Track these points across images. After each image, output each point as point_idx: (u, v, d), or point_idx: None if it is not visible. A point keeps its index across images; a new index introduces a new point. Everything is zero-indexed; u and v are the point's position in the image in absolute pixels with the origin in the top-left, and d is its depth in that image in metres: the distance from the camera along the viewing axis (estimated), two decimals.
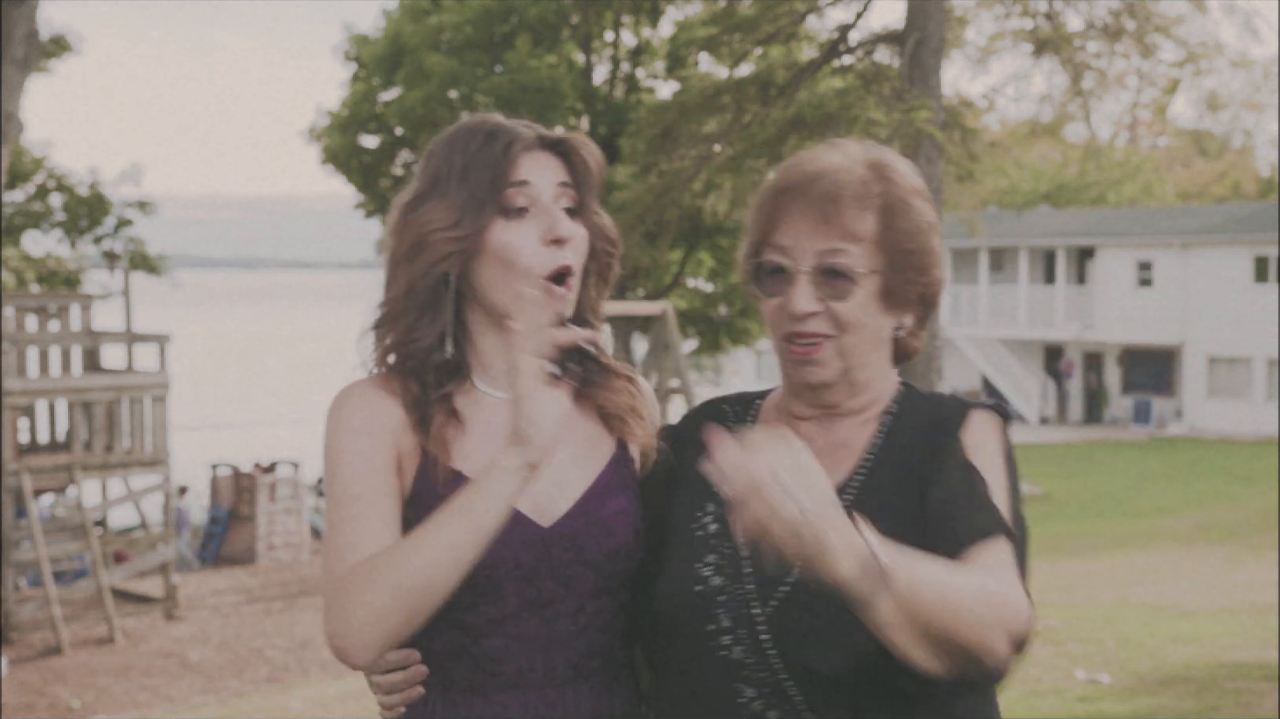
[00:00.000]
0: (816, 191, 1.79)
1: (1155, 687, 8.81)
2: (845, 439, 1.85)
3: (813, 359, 1.80)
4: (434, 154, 1.88)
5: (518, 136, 1.84)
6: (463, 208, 1.81)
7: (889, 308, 1.81)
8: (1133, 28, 13.30)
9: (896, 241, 1.79)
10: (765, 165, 12.20)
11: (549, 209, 1.83)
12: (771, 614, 1.74)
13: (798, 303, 1.78)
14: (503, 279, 1.81)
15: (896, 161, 1.85)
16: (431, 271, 1.82)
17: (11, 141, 11.33)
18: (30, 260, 23.39)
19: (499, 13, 23.04)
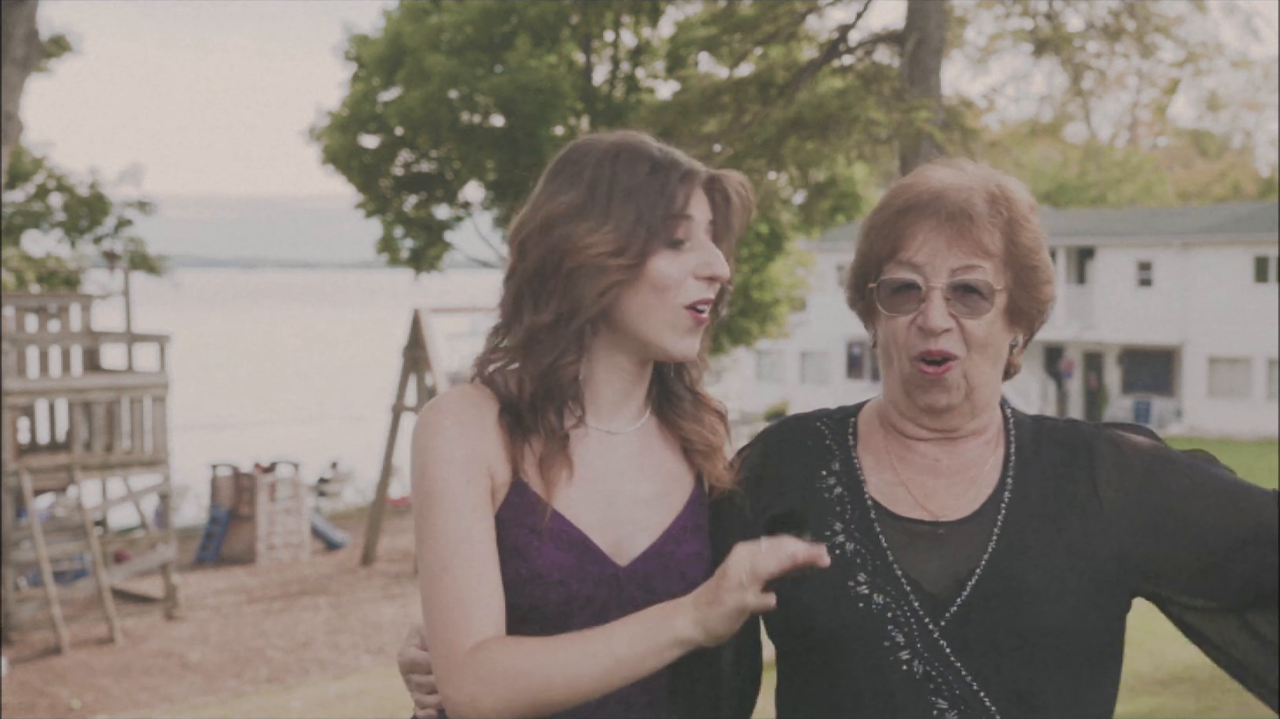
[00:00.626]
0: (947, 209, 1.79)
1: (1155, 687, 8.81)
2: (972, 460, 1.85)
3: (943, 381, 1.80)
4: (584, 167, 1.83)
5: (693, 170, 1.82)
6: (630, 234, 1.77)
7: (1011, 325, 1.83)
8: (1133, 28, 13.30)
9: (1021, 257, 1.80)
10: (765, 165, 12.20)
11: (706, 244, 1.82)
12: (949, 628, 1.76)
13: (933, 319, 1.77)
14: (653, 308, 1.79)
15: (1008, 179, 1.86)
16: (592, 302, 1.78)
17: (11, 141, 11.33)
18: (30, 260, 23.37)
19: (499, 13, 23.03)
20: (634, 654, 1.66)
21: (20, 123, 11.45)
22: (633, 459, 1.86)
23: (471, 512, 1.75)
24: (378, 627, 14.95)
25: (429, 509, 1.76)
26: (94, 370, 16.23)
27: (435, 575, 1.74)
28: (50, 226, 24.23)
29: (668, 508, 1.86)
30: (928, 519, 1.81)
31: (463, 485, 1.76)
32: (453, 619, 1.71)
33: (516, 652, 1.69)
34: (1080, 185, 46.30)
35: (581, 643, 1.68)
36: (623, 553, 1.81)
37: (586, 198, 1.80)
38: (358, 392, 48.85)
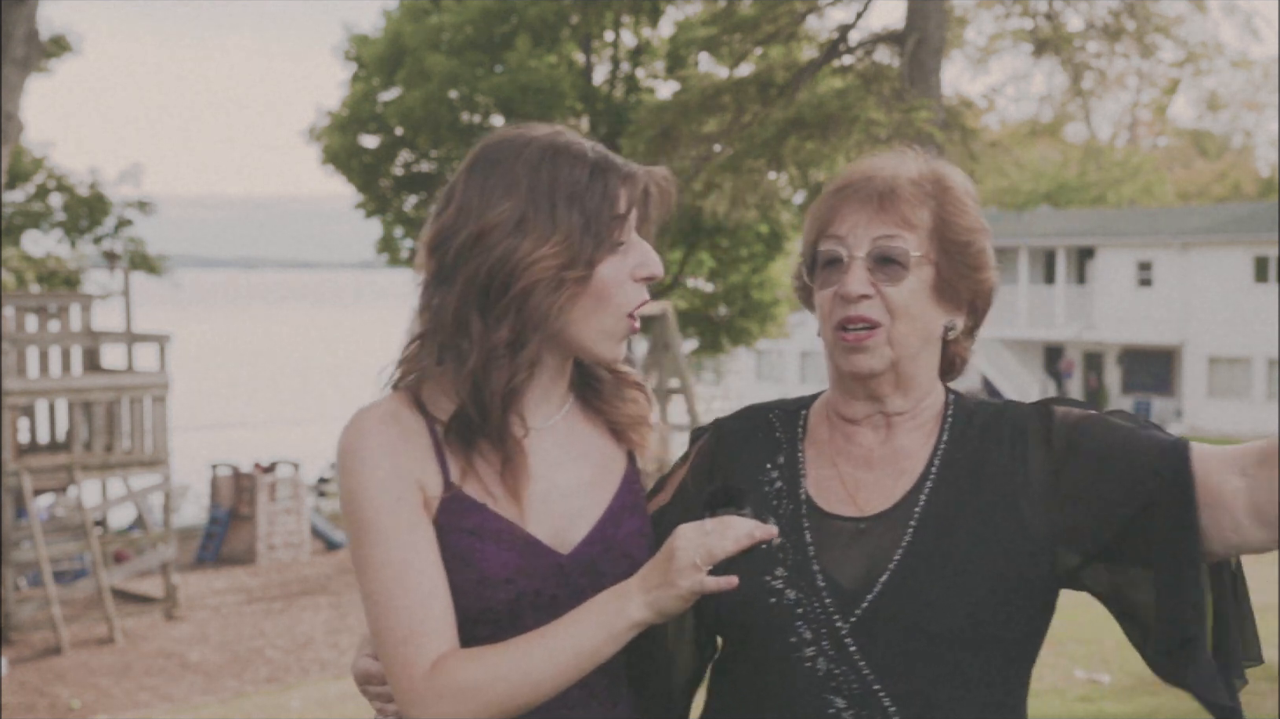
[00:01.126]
0: (873, 186, 1.85)
1: (1155, 687, 8.80)
2: (905, 446, 1.86)
3: (864, 346, 1.81)
4: (518, 171, 1.76)
5: (630, 170, 1.79)
6: (580, 243, 1.73)
7: (940, 301, 1.84)
8: (1133, 28, 13.30)
9: (951, 234, 1.83)
10: (765, 165, 12.20)
11: (640, 243, 1.80)
12: (857, 625, 1.76)
13: (850, 285, 1.80)
14: (594, 315, 1.77)
15: (951, 169, 1.91)
16: (552, 317, 1.74)
17: (11, 141, 11.33)
18: (30, 260, 23.38)
19: (499, 13, 23.03)
20: (591, 645, 1.67)
21: (20, 123, 11.45)
22: (561, 449, 1.84)
23: (408, 532, 1.72)
24: None
25: (363, 536, 1.73)
26: (94, 370, 16.23)
27: (381, 605, 1.71)
28: (50, 226, 24.25)
29: (603, 491, 1.85)
30: (853, 514, 1.82)
31: (394, 505, 1.73)
32: (406, 647, 1.69)
33: (474, 664, 1.68)
34: (1080, 185, 46.30)
35: (538, 642, 1.68)
36: (564, 542, 1.80)
37: (528, 207, 1.73)
38: (358, 392, 48.75)
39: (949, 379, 1.92)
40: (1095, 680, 8.98)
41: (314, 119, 24.97)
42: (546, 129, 1.82)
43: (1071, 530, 1.77)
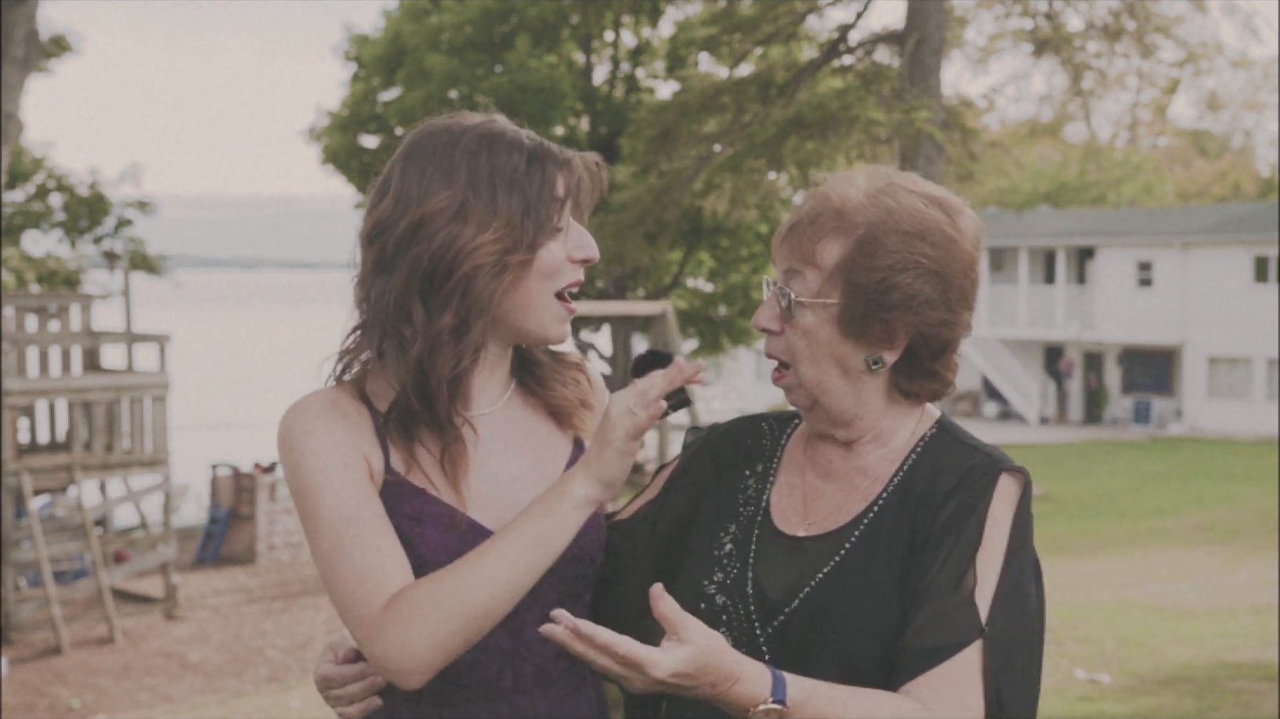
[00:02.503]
0: (799, 213, 1.82)
1: (1155, 687, 8.81)
2: (867, 467, 1.85)
3: (779, 384, 1.84)
4: (456, 159, 1.77)
5: (565, 155, 1.81)
6: (521, 228, 1.74)
7: (851, 338, 1.78)
8: (1133, 28, 13.29)
9: (854, 274, 1.76)
10: (765, 165, 12.20)
11: (576, 227, 1.81)
12: (773, 635, 1.77)
13: (757, 317, 1.82)
14: (535, 297, 1.78)
15: (905, 194, 1.80)
16: (495, 302, 1.75)
17: (11, 141, 11.33)
18: (30, 260, 23.39)
19: (499, 13, 23.03)
20: (541, 532, 1.65)
21: (20, 123, 11.45)
22: (504, 436, 1.85)
23: (354, 486, 1.71)
24: None
25: (311, 498, 1.71)
26: (94, 370, 16.23)
27: (332, 561, 1.69)
28: (50, 226, 24.25)
29: (546, 475, 1.84)
30: (798, 533, 1.83)
31: (341, 467, 1.72)
32: (361, 593, 1.67)
33: (427, 582, 1.66)
34: (1080, 185, 46.29)
35: (487, 546, 1.66)
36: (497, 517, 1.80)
37: (468, 194, 1.74)
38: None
39: (929, 401, 1.88)
40: (1095, 681, 8.99)
41: (314, 119, 24.97)
42: (480, 117, 1.83)
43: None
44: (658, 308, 18.80)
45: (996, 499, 1.76)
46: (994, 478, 1.77)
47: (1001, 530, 1.75)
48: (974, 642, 1.68)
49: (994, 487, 1.77)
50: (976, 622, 1.69)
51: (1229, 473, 26.06)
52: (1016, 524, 1.77)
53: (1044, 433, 33.69)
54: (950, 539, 1.73)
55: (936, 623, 1.69)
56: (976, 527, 1.74)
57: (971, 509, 1.75)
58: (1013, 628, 1.71)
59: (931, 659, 1.68)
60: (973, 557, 1.72)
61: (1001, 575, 1.73)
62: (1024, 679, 1.71)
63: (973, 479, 1.77)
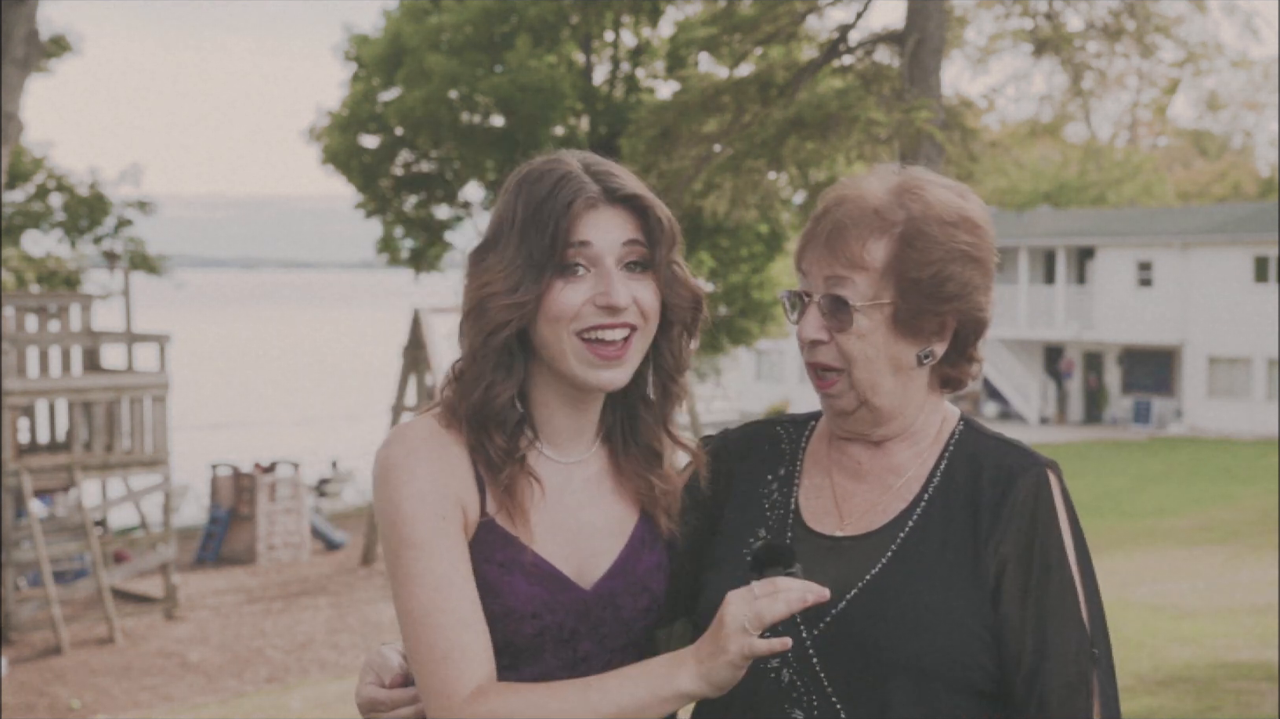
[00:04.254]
0: (832, 218, 1.80)
1: (1155, 687, 8.81)
2: (897, 465, 1.85)
3: (828, 392, 1.82)
4: (504, 195, 1.82)
5: (580, 192, 1.77)
6: (522, 269, 1.76)
7: (905, 336, 1.79)
8: (1133, 28, 13.29)
9: (906, 270, 1.76)
10: (765, 165, 12.19)
11: (608, 272, 1.77)
12: (820, 638, 1.75)
13: (805, 330, 1.80)
14: (551, 338, 1.78)
15: (930, 186, 1.81)
16: (492, 338, 1.77)
17: (11, 141, 11.33)
18: (30, 260, 23.39)
19: (499, 13, 23.02)
20: (635, 705, 1.65)
21: (20, 123, 11.45)
22: (589, 486, 1.86)
23: (451, 549, 1.73)
24: (378, 627, 14.95)
25: (405, 553, 1.72)
26: (94, 370, 16.23)
27: (420, 625, 1.71)
28: (50, 226, 24.24)
29: (623, 526, 1.86)
30: (835, 533, 1.82)
31: (438, 525, 1.73)
32: (446, 670, 1.69)
33: (518, 699, 1.67)
34: (1080, 185, 46.29)
35: (583, 691, 1.67)
36: (587, 577, 1.81)
37: (495, 231, 1.80)
38: (358, 392, 48.83)
39: (953, 391, 1.89)
40: None
41: (314, 119, 24.97)
42: (549, 157, 1.84)
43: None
44: None
45: (1057, 503, 1.79)
46: (1044, 481, 1.79)
47: (1068, 536, 1.78)
48: (1092, 669, 1.75)
49: (1050, 491, 1.78)
50: (1088, 647, 1.75)
51: (1229, 473, 26.06)
52: (1072, 522, 1.80)
53: (1044, 433, 33.69)
54: (1035, 560, 1.75)
55: (1063, 665, 1.74)
56: (1058, 544, 1.76)
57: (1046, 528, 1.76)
58: (1101, 628, 1.78)
59: (1065, 697, 1.74)
60: (1068, 576, 1.76)
61: (1083, 583, 1.78)
62: (1112, 673, 1.80)
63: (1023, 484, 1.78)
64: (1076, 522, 1.80)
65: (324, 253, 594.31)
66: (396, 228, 25.57)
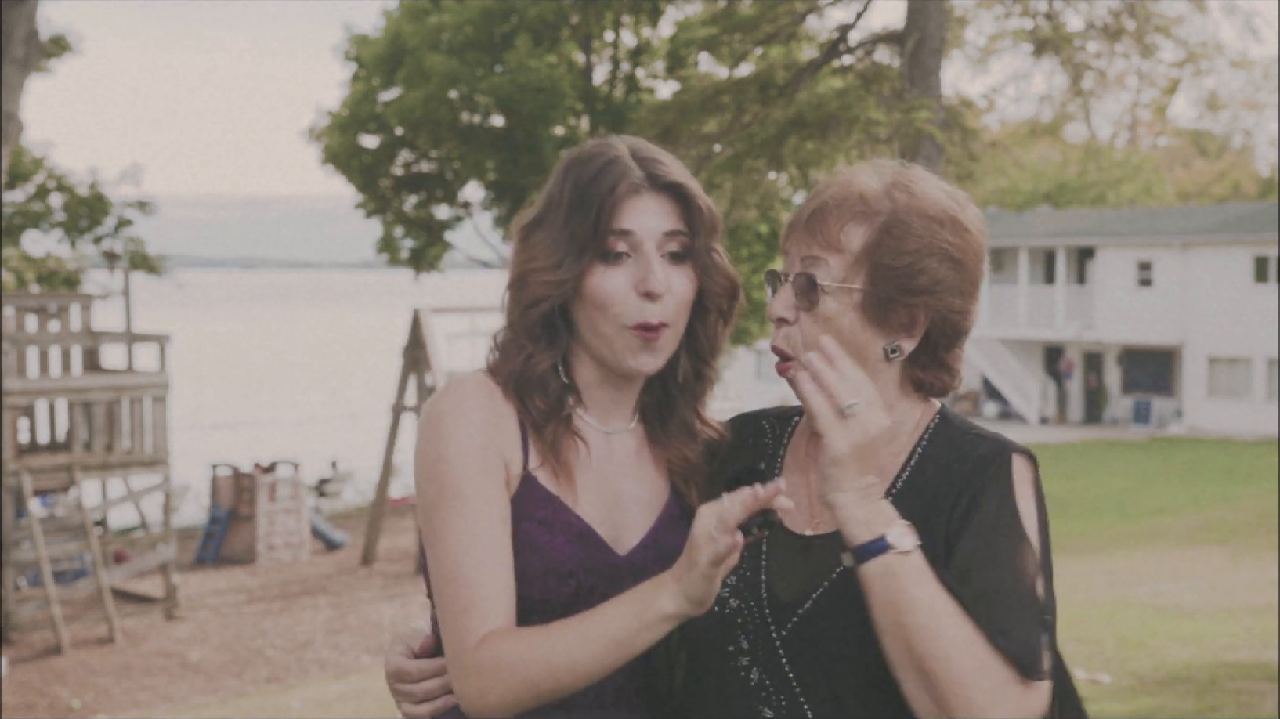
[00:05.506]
0: (816, 201, 1.80)
1: (1155, 687, 8.80)
2: None
3: (789, 377, 1.80)
4: (554, 175, 1.87)
5: (624, 175, 1.80)
6: (565, 249, 1.80)
7: (871, 324, 1.77)
8: (1133, 28, 13.29)
9: (882, 257, 1.75)
10: (765, 165, 12.19)
11: (648, 258, 1.80)
12: (789, 637, 1.75)
13: (774, 307, 1.80)
14: (596, 323, 1.81)
15: (922, 183, 1.80)
16: (531, 310, 1.82)
17: (11, 141, 11.33)
18: (30, 260, 23.39)
19: (499, 13, 23.04)
20: (627, 633, 1.68)
21: (20, 123, 11.45)
22: (629, 457, 1.90)
23: (487, 504, 1.76)
24: (378, 627, 14.95)
25: (444, 500, 1.76)
26: (94, 370, 16.23)
27: (450, 573, 1.75)
28: (50, 226, 24.25)
29: (656, 500, 1.89)
30: (806, 532, 1.81)
31: (481, 477, 1.76)
32: (466, 616, 1.73)
33: (517, 641, 1.71)
34: (1080, 185, 46.30)
35: (578, 627, 1.70)
36: (621, 544, 1.84)
37: (544, 209, 1.84)
38: (358, 392, 48.84)
39: (930, 397, 1.86)
40: (1095, 681, 8.98)
41: (314, 119, 24.99)
42: (600, 140, 1.88)
43: None
44: None
45: (1018, 484, 1.75)
46: (1007, 463, 1.76)
47: (1030, 513, 1.75)
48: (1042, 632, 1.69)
49: (1011, 472, 1.75)
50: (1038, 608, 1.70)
51: (1229, 473, 26.06)
52: (1038, 507, 1.77)
53: (1044, 433, 33.68)
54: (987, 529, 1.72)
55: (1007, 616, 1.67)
56: (1012, 513, 1.73)
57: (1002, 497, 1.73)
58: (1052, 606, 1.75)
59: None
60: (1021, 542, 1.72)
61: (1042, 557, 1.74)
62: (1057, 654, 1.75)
63: (987, 466, 1.75)
64: (1043, 511, 1.77)
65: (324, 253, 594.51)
66: (396, 228, 25.58)
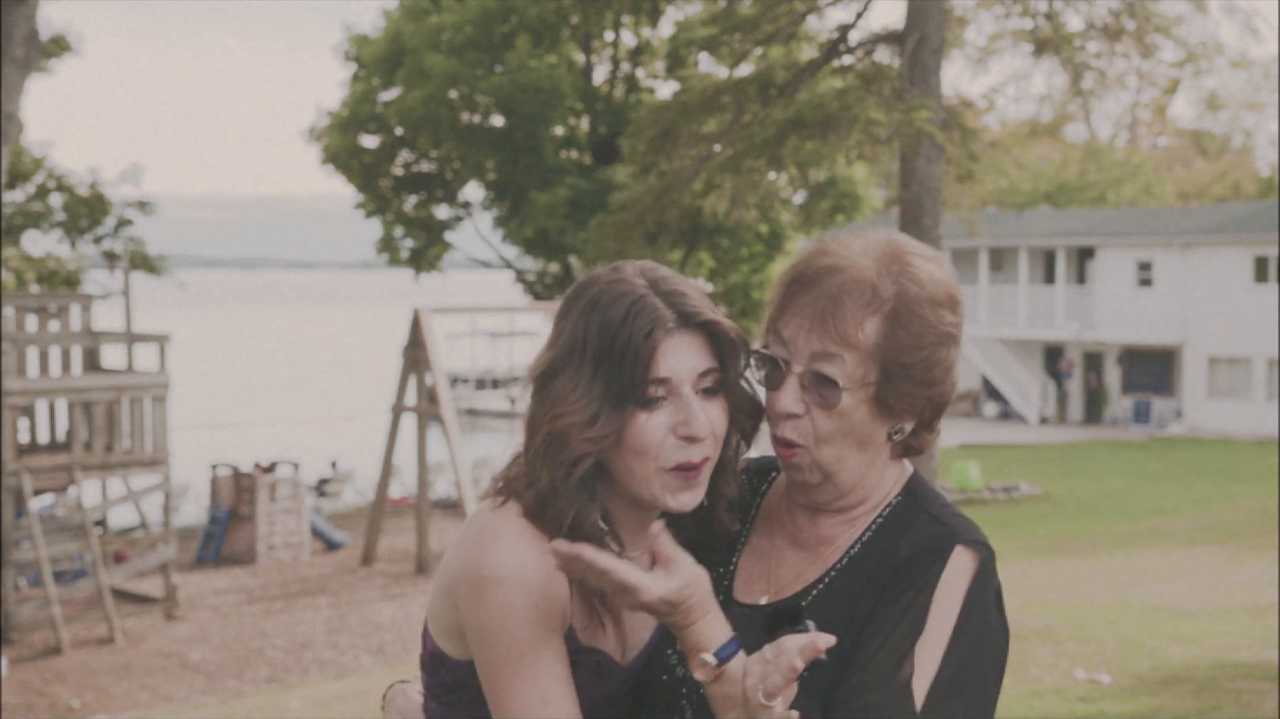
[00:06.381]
0: (823, 289, 1.73)
1: (1155, 687, 8.81)
2: (829, 536, 1.81)
3: (793, 462, 1.77)
4: (571, 314, 1.78)
5: (657, 320, 1.73)
6: (600, 400, 1.72)
7: (882, 415, 1.75)
8: (1133, 28, 13.30)
9: (895, 354, 1.71)
10: (765, 165, 12.20)
11: (688, 402, 1.74)
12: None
13: (783, 402, 1.75)
14: (634, 467, 1.75)
15: (918, 260, 1.75)
16: (575, 469, 1.73)
17: (11, 141, 11.33)
18: (30, 260, 23.39)
19: (499, 13, 23.04)
20: None
21: (20, 123, 11.44)
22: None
23: (557, 664, 1.71)
24: (378, 627, 14.95)
25: (510, 668, 1.70)
26: (94, 370, 16.23)
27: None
28: (50, 226, 24.24)
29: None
30: (760, 600, 1.80)
31: (549, 640, 1.71)
32: None
33: None
34: (1080, 185, 46.32)
35: None
36: (625, 656, 1.83)
37: (566, 357, 1.76)
38: (358, 392, 48.85)
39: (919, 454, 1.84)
40: (1095, 680, 8.99)
41: (314, 119, 24.98)
42: (614, 273, 1.80)
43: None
44: None
45: (946, 578, 1.70)
46: (945, 554, 1.71)
47: (948, 613, 1.69)
48: None
49: (944, 564, 1.70)
50: (911, 712, 1.63)
51: (1229, 473, 26.07)
52: (968, 606, 1.70)
53: (1044, 433, 33.69)
54: (892, 622, 1.68)
55: (869, 712, 1.63)
56: (920, 610, 1.68)
57: (919, 590, 1.69)
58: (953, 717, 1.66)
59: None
60: (914, 643, 1.66)
61: (943, 663, 1.67)
62: None
63: (925, 555, 1.71)
64: (975, 608, 1.71)
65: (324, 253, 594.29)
66: (396, 228, 25.58)
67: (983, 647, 1.70)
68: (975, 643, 1.70)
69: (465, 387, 35.71)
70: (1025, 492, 24.19)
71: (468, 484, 16.35)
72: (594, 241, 14.32)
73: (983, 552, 1.73)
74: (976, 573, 1.72)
